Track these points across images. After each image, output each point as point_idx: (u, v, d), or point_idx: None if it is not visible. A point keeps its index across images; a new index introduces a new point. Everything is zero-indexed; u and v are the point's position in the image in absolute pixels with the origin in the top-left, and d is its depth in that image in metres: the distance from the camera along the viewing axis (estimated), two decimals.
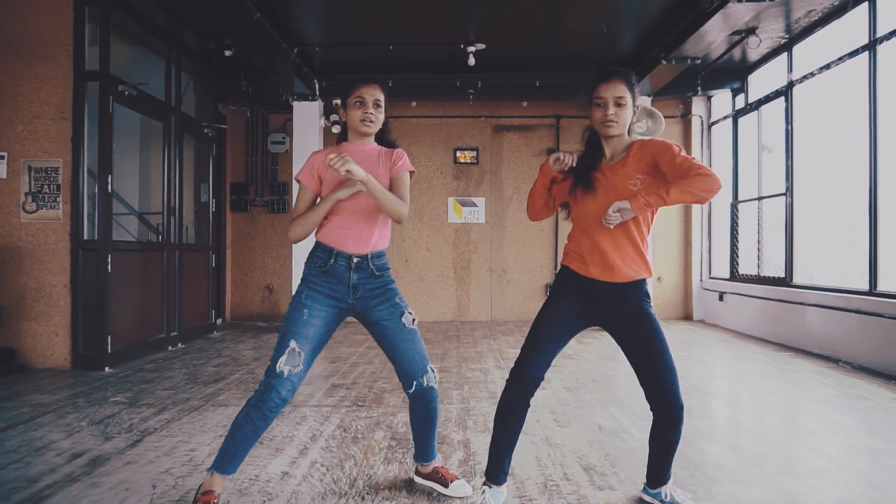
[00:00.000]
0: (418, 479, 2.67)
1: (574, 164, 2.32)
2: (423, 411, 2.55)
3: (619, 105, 2.27)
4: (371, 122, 2.49)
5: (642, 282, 2.36)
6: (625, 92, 2.28)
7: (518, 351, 2.46)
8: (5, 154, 5.25)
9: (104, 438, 3.32)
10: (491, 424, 3.48)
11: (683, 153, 2.24)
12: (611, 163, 2.34)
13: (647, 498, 2.48)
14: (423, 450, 2.63)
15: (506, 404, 2.37)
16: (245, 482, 2.69)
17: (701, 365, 5.54)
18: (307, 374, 2.56)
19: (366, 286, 2.46)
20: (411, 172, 2.55)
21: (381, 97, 2.53)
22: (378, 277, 2.49)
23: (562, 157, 2.30)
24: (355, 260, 2.44)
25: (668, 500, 2.41)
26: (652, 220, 2.36)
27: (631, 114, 2.32)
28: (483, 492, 2.37)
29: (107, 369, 5.19)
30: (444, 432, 3.44)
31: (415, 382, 2.48)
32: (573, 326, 2.40)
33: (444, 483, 2.56)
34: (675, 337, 7.17)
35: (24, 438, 3.31)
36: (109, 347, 5.28)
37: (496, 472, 2.38)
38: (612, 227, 2.25)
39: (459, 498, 2.51)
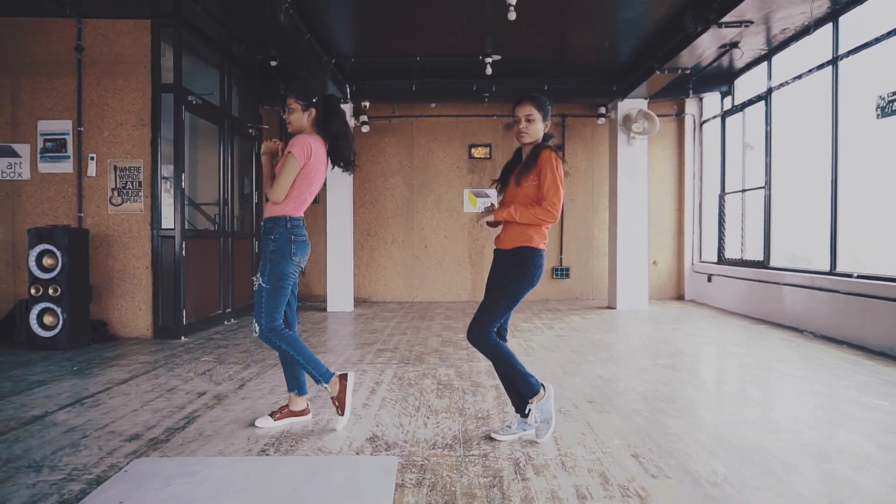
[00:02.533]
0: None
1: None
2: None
3: (528, 121, 3.05)
4: (289, 123, 3.25)
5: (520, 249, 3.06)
6: (533, 110, 3.05)
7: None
8: (95, 155, 6.17)
9: (214, 383, 4.27)
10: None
11: (551, 177, 2.96)
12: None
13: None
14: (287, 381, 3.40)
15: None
16: None
17: (687, 336, 6.47)
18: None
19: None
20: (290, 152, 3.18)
21: (292, 102, 3.23)
22: (263, 238, 3.24)
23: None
24: None
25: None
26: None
27: (540, 128, 3.07)
28: (513, 420, 3.19)
29: (183, 338, 6.15)
30: (478, 380, 4.39)
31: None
32: None
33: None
34: (668, 314, 8.12)
35: (152, 384, 4.27)
36: (184, 320, 6.24)
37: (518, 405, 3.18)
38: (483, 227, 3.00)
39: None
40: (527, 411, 3.07)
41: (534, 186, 3.01)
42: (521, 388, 3.06)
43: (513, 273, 3.03)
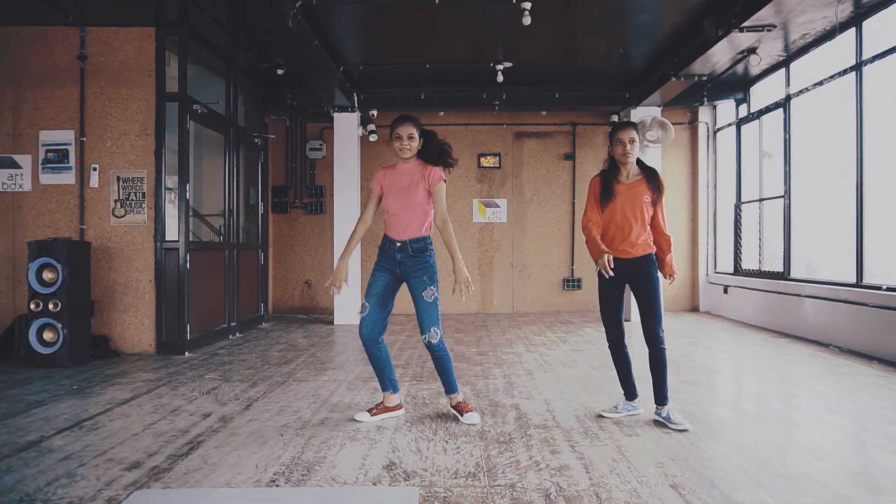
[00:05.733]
0: (448, 408, 3.79)
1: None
2: (433, 358, 3.66)
3: (632, 143, 3.56)
4: (408, 150, 3.58)
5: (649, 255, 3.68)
6: (635, 135, 3.58)
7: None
8: (97, 166, 6.01)
9: (220, 404, 4.07)
10: (532, 393, 4.25)
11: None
12: (629, 181, 3.67)
13: (655, 417, 3.61)
14: (444, 385, 3.70)
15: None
16: (351, 432, 3.44)
17: (706, 350, 6.25)
18: (364, 357, 3.27)
19: (407, 262, 3.53)
20: (444, 180, 3.63)
21: (414, 130, 3.57)
22: (415, 257, 3.52)
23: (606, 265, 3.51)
24: (398, 244, 3.53)
25: (664, 415, 3.52)
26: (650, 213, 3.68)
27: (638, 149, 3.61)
28: (619, 401, 3.79)
29: (186, 354, 5.95)
30: (496, 399, 4.18)
31: (422, 337, 3.56)
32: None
33: (461, 413, 3.61)
34: (683, 326, 7.89)
35: (155, 404, 4.07)
36: (188, 335, 6.05)
37: (624, 390, 3.79)
38: None
39: (470, 424, 3.54)
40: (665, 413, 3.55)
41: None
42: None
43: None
